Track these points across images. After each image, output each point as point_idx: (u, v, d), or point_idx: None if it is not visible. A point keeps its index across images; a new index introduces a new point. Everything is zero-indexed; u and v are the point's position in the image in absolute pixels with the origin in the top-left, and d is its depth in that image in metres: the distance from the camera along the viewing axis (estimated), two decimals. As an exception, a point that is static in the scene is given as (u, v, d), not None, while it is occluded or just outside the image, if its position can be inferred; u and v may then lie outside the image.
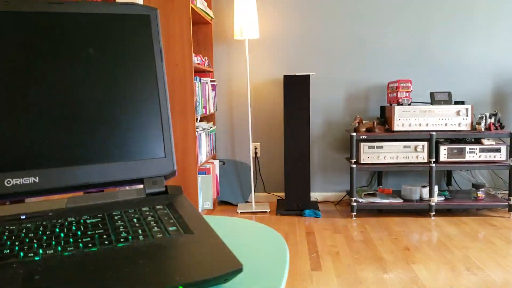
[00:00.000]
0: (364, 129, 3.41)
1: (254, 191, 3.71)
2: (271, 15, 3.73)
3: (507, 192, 3.38)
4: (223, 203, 3.76)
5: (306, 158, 3.43)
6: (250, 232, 0.96)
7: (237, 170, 3.82)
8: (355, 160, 3.34)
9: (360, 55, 3.72)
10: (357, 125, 3.45)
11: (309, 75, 3.37)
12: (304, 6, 3.70)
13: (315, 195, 3.80)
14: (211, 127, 3.56)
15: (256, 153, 3.86)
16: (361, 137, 3.35)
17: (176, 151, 2.93)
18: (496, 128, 3.37)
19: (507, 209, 3.35)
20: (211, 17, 3.56)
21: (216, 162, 3.67)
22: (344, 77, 3.75)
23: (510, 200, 3.33)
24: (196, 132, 2.96)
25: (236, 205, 3.66)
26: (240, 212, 3.50)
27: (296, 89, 3.38)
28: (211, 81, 3.52)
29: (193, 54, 2.98)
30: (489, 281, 2.19)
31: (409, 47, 3.70)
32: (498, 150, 3.34)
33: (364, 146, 3.34)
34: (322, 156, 3.83)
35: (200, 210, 3.06)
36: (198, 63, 3.17)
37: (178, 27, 2.84)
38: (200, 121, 3.32)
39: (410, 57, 3.71)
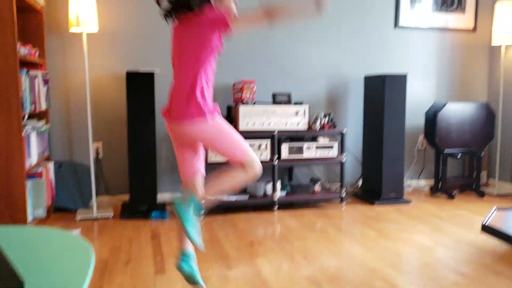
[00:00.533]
0: (210, 128, 3.41)
1: (96, 195, 3.44)
2: (112, 7, 3.51)
3: (339, 184, 3.71)
4: (60, 210, 3.41)
5: (152, 158, 3.30)
6: (55, 243, 0.84)
7: (75, 172, 3.51)
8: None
9: (206, 54, 3.72)
10: (203, 124, 3.44)
11: (153, 72, 3.25)
12: None
13: (163, 197, 3.69)
14: (43, 126, 3.20)
15: (97, 153, 3.59)
16: (207, 136, 3.35)
17: (-3, 153, 2.55)
18: (329, 128, 3.67)
19: (339, 200, 3.68)
20: (41, 6, 3.20)
21: (51, 164, 3.31)
22: (191, 76, 3.71)
23: (341, 192, 3.66)
24: (24, 132, 2.62)
25: (75, 211, 3.35)
26: (80, 219, 3.22)
27: (140, 86, 3.23)
28: (43, 75, 3.17)
29: (19, 44, 2.64)
30: (323, 268, 2.35)
31: (253, 49, 3.83)
32: (331, 147, 3.64)
33: (210, 145, 3.34)
34: (170, 155, 3.74)
35: (29, 219, 2.72)
36: (26, 54, 2.82)
37: (-1, 12, 2.48)
38: (29, 119, 2.95)
39: (255, 58, 3.84)
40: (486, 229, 1.36)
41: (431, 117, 3.90)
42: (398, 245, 2.72)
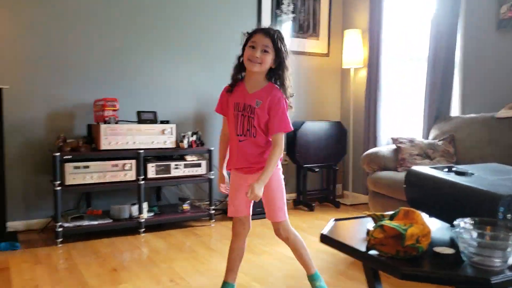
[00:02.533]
0: (69, 149, 3.19)
1: None
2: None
3: (208, 202, 3.73)
4: None
5: (1, 183, 2.97)
6: None
7: None
8: (59, 182, 3.08)
9: (63, 70, 3.49)
10: (61, 144, 3.21)
11: (1, 88, 2.94)
12: (-6, 9, 3.24)
13: (14, 225, 3.33)
14: None
15: None
16: (65, 157, 3.12)
17: None
18: (197, 145, 3.69)
19: (208, 218, 3.69)
20: None
21: None
22: (45, 93, 3.44)
23: (209, 209, 3.69)
24: None
25: None
26: None
27: (-16, 103, 2.89)
28: None
29: None
30: (189, 289, 2.32)
31: (115, 66, 3.69)
32: (199, 165, 3.66)
33: (69, 166, 3.12)
34: (22, 180, 3.39)
35: None
36: None
37: None
38: None
39: (117, 76, 3.70)
40: (324, 239, 1.48)
41: (291, 135, 4.15)
42: (262, 258, 2.81)
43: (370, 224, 1.62)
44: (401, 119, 4.19)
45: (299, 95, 4.61)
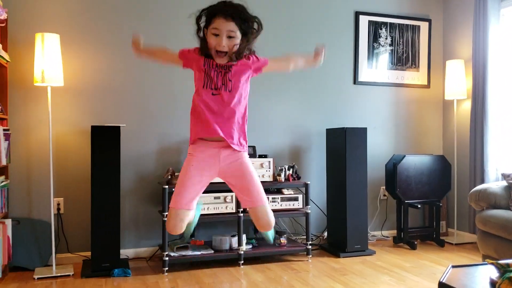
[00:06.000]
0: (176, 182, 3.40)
1: (56, 252, 3.32)
2: (78, 61, 3.54)
3: (305, 237, 3.73)
4: (18, 269, 3.26)
5: (116, 213, 3.25)
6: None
7: (34, 229, 3.39)
8: (167, 213, 3.29)
9: (173, 107, 3.77)
10: (169, 177, 3.44)
11: (119, 126, 3.26)
12: (114, 53, 3.62)
13: (126, 252, 3.60)
14: (2, 182, 3.11)
15: (58, 209, 3.50)
16: (173, 189, 3.33)
17: (-48, 212, 2.45)
18: (294, 179, 3.73)
19: (305, 252, 3.68)
20: (7, 60, 3.20)
21: (9, 221, 3.20)
22: (157, 129, 3.73)
23: (307, 244, 3.68)
24: (-19, 188, 2.55)
25: (33, 270, 3.21)
26: (38, 278, 3.08)
27: (105, 140, 3.21)
28: (4, 130, 3.12)
29: (-19, 99, 2.61)
30: (289, 325, 2.32)
31: (218, 103, 3.91)
32: (296, 199, 3.69)
33: (176, 198, 3.32)
34: (133, 210, 3.68)
35: (-17, 280, 2.59)
36: (-12, 109, 2.78)
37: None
38: (-12, 175, 2.87)
39: (219, 112, 3.91)
40: (443, 287, 1.41)
41: (391, 169, 4.04)
42: (363, 298, 2.73)
43: (493, 273, 1.51)
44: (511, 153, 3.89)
45: (399, 127, 4.50)
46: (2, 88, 3.27)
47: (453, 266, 1.62)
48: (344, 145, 3.74)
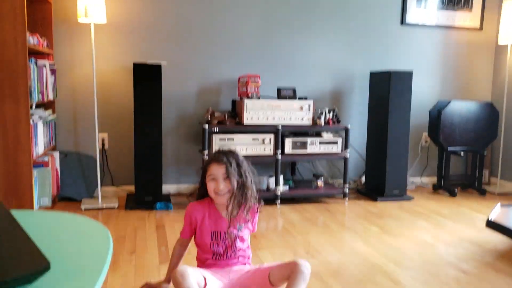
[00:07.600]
0: (216, 122, 3.44)
1: (101, 185, 3.47)
2: (120, -1, 3.52)
3: (342, 180, 3.73)
4: (66, 199, 3.45)
5: (158, 150, 3.33)
6: (74, 227, 0.86)
7: (81, 162, 3.54)
8: (207, 152, 3.35)
9: (213, 47, 3.74)
10: (209, 117, 3.47)
11: (160, 65, 3.26)
12: (156, -8, 3.58)
13: (167, 188, 3.72)
14: (50, 116, 3.23)
15: (103, 144, 3.62)
16: (213, 129, 3.37)
17: (5, 141, 2.58)
18: (334, 123, 3.69)
19: (342, 196, 3.70)
20: (51, -5, 3.22)
21: (57, 154, 3.35)
22: (197, 69, 3.73)
23: (344, 188, 3.69)
24: (31, 121, 2.65)
25: (80, 201, 3.39)
26: (85, 209, 3.25)
27: (147, 78, 3.24)
28: (50, 65, 3.19)
29: (28, 33, 2.65)
30: (326, 262, 2.38)
31: (259, 43, 3.84)
32: (335, 143, 3.66)
33: (216, 138, 3.37)
34: (175, 148, 3.76)
35: (36, 207, 2.75)
36: (35, 44, 2.84)
37: (9, 2, 2.50)
38: (36, 108, 2.98)
39: (260, 53, 3.85)
40: (491, 224, 1.38)
41: (435, 115, 3.91)
42: (400, 241, 2.74)
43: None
44: None
45: (446, 72, 4.31)
46: (47, 24, 3.31)
47: (502, 205, 1.58)
48: (388, 89, 3.63)
